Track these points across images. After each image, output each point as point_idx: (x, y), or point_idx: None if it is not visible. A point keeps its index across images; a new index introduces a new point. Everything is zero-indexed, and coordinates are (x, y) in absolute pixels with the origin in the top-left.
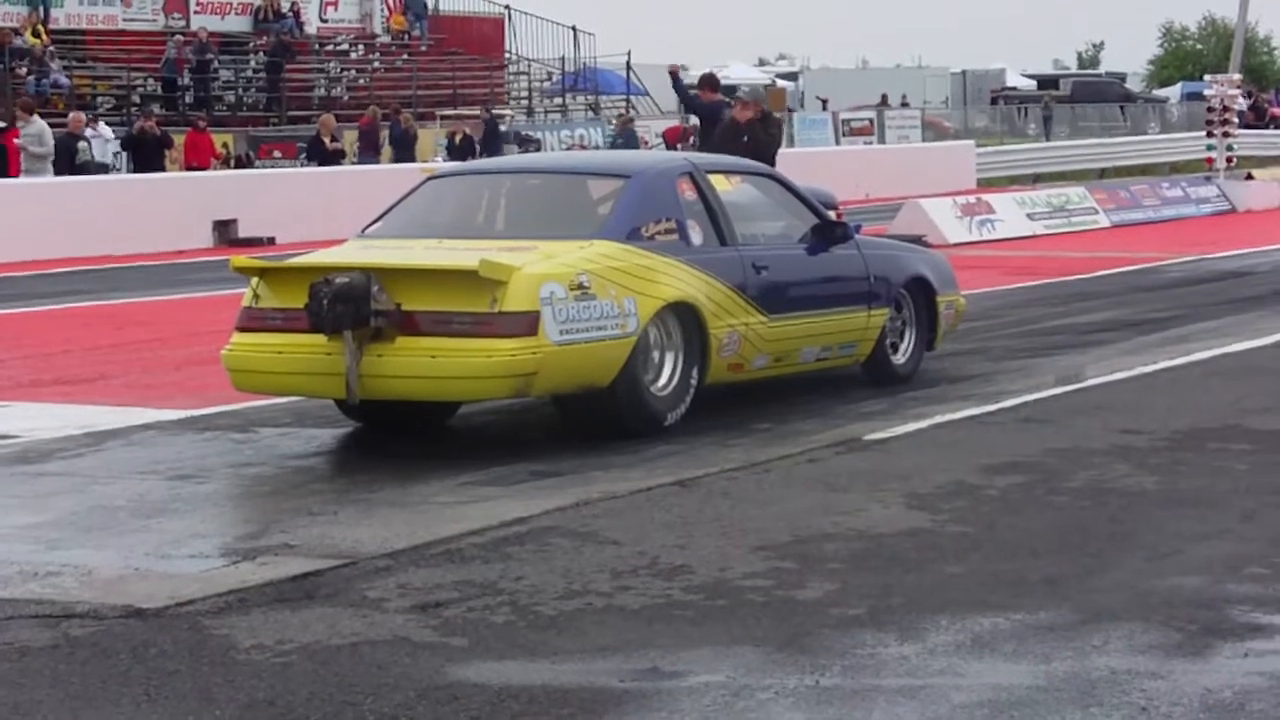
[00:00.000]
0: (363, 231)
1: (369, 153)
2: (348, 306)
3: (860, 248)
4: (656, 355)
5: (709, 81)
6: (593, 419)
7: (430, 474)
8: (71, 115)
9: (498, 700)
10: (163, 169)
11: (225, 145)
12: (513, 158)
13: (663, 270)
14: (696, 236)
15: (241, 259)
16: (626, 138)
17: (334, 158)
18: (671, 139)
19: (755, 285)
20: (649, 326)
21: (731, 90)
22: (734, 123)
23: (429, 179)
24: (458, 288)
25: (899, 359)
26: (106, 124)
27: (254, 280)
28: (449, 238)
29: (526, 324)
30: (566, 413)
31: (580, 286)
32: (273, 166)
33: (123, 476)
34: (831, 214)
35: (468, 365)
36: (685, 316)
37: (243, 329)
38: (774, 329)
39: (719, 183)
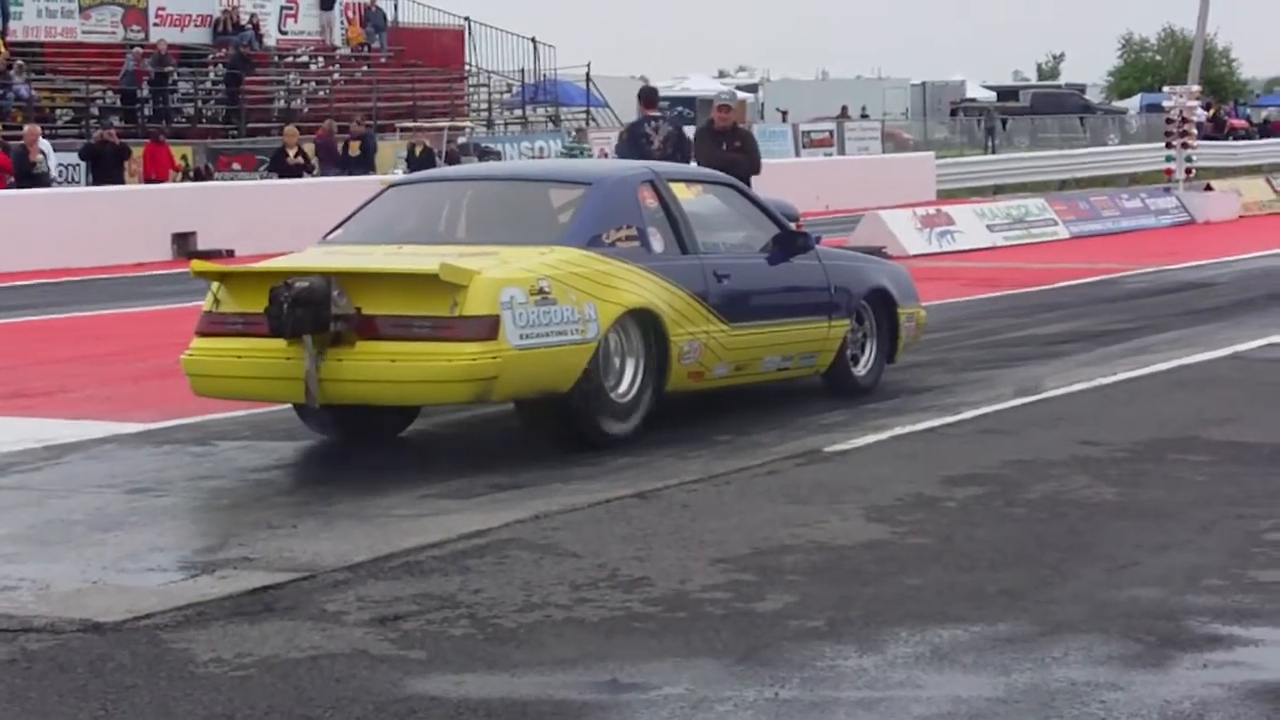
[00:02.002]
0: (324, 238)
1: (327, 165)
2: (307, 310)
3: (821, 258)
4: (617, 361)
5: (647, 95)
6: (552, 425)
7: (389, 487)
8: (27, 128)
9: (456, 713)
10: (122, 181)
11: (184, 158)
12: (473, 165)
13: (623, 277)
14: (658, 244)
15: (202, 264)
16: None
17: (296, 171)
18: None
19: (716, 294)
20: (609, 332)
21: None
22: (712, 127)
23: (389, 186)
24: (418, 292)
25: (860, 370)
26: (53, 138)
27: (214, 285)
28: (410, 243)
29: (487, 328)
30: (525, 419)
31: (541, 291)
32: (232, 179)
33: (80, 490)
34: (792, 226)
35: (428, 369)
36: (646, 323)
37: (202, 334)
38: (735, 338)
39: (680, 191)
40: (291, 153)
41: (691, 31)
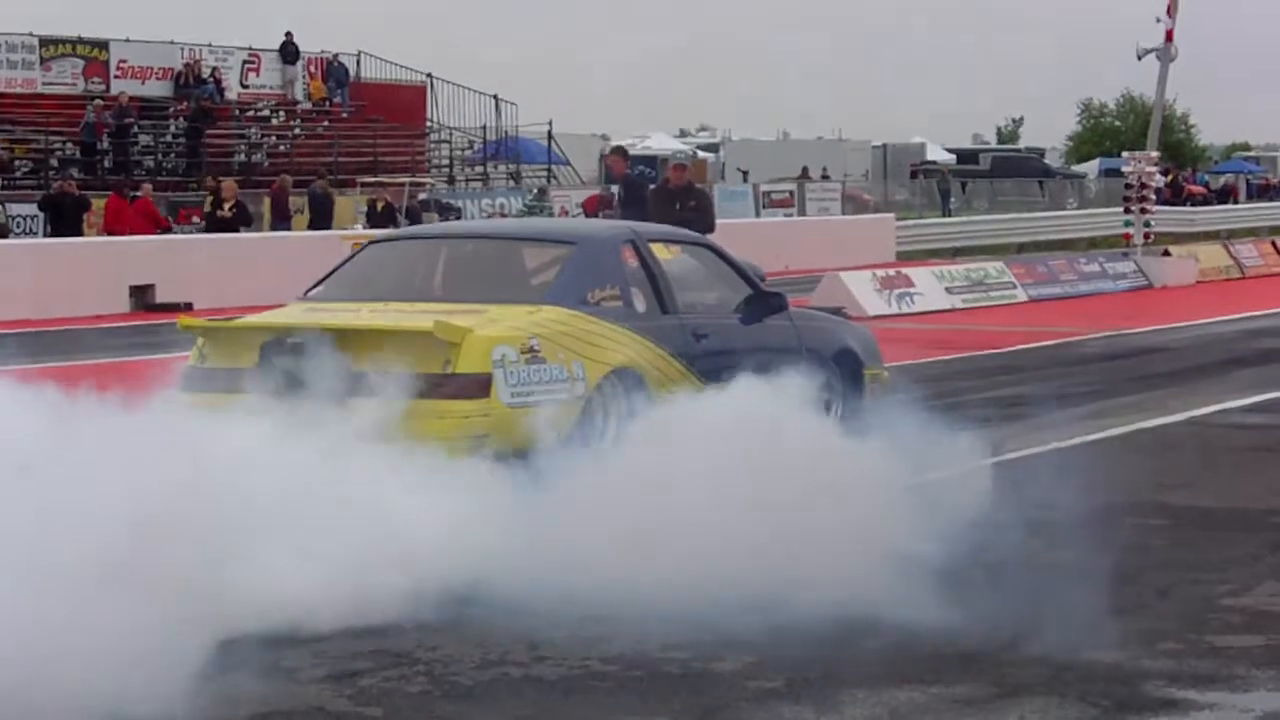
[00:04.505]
0: (305, 295)
1: (280, 220)
2: (303, 366)
3: (792, 319)
4: (600, 419)
5: (620, 152)
6: None
7: None
8: None
9: None
10: (80, 233)
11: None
12: (453, 224)
13: (609, 335)
14: (640, 303)
15: (189, 319)
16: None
17: (230, 225)
18: (590, 209)
19: (696, 353)
20: (595, 391)
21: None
22: (667, 186)
23: (370, 243)
24: (411, 349)
25: None
26: (12, 189)
27: (199, 340)
28: (394, 301)
29: (479, 386)
30: None
31: (531, 350)
32: (191, 231)
33: None
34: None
35: (421, 427)
36: (629, 382)
37: (187, 390)
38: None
39: (659, 251)
40: (226, 206)
41: (653, 91)
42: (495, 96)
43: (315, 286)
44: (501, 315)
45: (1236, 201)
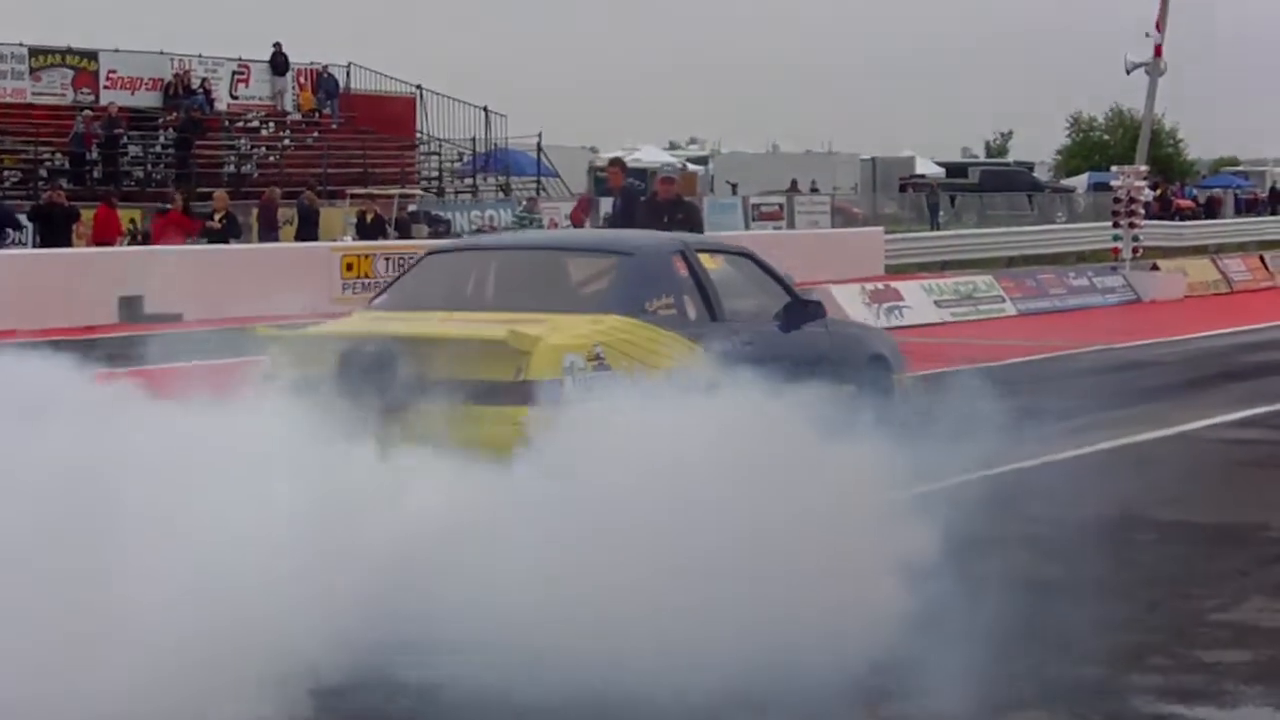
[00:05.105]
0: (369, 304)
1: (269, 231)
2: (380, 374)
3: (828, 326)
4: None
5: (618, 164)
6: None
7: None
8: None
9: None
10: (69, 243)
11: (133, 221)
12: (507, 235)
13: (666, 344)
14: (692, 312)
15: (266, 328)
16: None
17: (220, 236)
18: (577, 219)
19: (742, 359)
20: None
21: (642, 174)
22: (655, 199)
23: (428, 254)
24: (482, 357)
25: None
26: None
27: (273, 349)
28: (458, 309)
29: (550, 392)
30: None
31: (597, 358)
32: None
33: None
34: None
35: (493, 433)
36: None
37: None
38: None
39: (706, 261)
40: (217, 217)
41: (643, 103)
42: (485, 108)
43: (379, 295)
44: (565, 324)
45: (1220, 210)
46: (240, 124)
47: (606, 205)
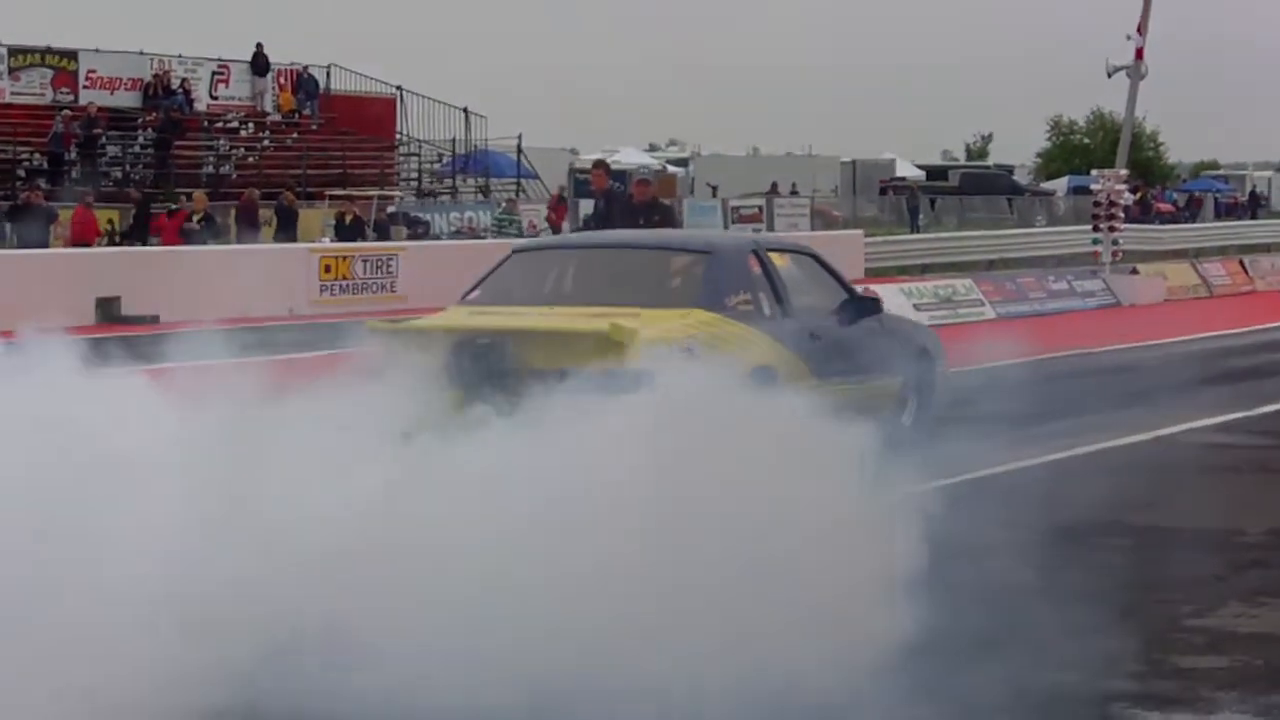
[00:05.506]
0: (463, 299)
1: (249, 232)
2: (491, 365)
3: (881, 321)
4: None
5: (602, 166)
6: None
7: None
8: None
9: None
10: (47, 244)
11: (111, 221)
12: (588, 234)
13: (747, 337)
14: (766, 307)
15: (376, 321)
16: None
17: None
18: (556, 221)
19: (810, 351)
20: None
21: (622, 176)
22: (631, 201)
23: (514, 252)
24: (584, 349)
25: (906, 421)
26: None
27: (385, 342)
28: (555, 304)
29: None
30: None
31: (688, 351)
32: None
33: None
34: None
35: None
36: (767, 380)
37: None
38: (822, 393)
39: (776, 259)
40: (195, 218)
41: (623, 105)
42: (465, 109)
43: (471, 291)
44: (654, 318)
45: (1200, 210)
46: (220, 124)
47: (587, 207)
